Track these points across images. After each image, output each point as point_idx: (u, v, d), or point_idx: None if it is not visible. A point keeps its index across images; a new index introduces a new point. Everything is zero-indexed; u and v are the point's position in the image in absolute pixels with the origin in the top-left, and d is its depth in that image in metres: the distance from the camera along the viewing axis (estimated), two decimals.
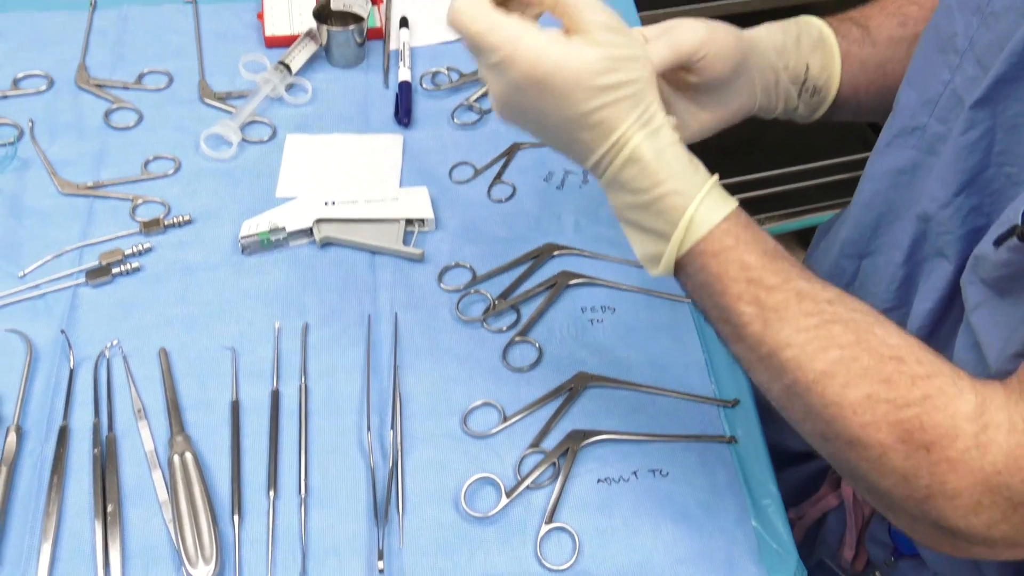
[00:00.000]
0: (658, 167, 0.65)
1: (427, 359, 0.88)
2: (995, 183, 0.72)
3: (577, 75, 0.63)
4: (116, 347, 0.87)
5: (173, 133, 1.05)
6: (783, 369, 0.65)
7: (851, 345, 0.63)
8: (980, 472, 0.59)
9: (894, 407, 0.62)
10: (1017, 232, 0.61)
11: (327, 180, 1.01)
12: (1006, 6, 0.70)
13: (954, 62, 0.76)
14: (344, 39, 1.12)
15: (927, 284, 0.81)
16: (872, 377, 0.62)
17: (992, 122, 0.70)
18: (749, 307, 0.66)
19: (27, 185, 0.99)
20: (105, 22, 1.16)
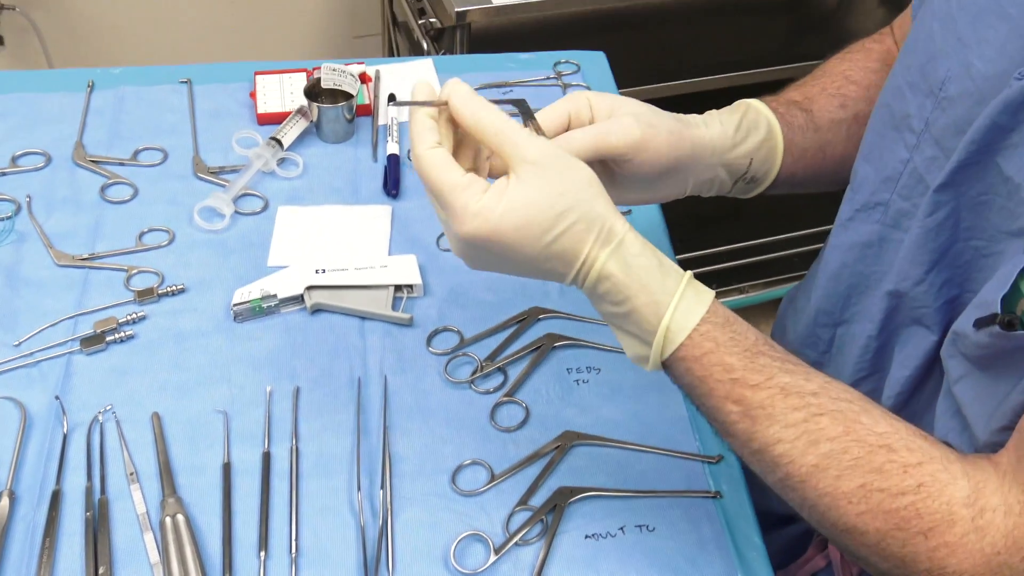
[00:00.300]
0: (628, 281, 0.67)
1: (416, 420, 0.90)
2: (964, 256, 0.74)
3: (524, 223, 0.65)
4: (109, 412, 0.88)
5: (167, 206, 1.08)
6: (775, 464, 0.67)
7: (840, 437, 0.65)
8: (980, 554, 0.60)
9: (888, 496, 0.63)
10: (998, 321, 0.62)
11: (317, 249, 1.04)
12: (960, 92, 0.73)
13: (911, 142, 0.79)
14: (334, 115, 1.16)
15: (903, 352, 0.82)
16: (863, 468, 0.64)
17: (956, 202, 0.72)
18: (736, 406, 0.67)
19: (23, 257, 1.01)
20: (102, 102, 1.20)
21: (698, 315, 0.67)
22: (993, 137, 0.68)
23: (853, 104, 0.93)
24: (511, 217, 0.65)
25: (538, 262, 0.67)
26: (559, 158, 0.66)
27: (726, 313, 0.69)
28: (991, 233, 0.71)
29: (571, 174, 0.66)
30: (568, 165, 0.67)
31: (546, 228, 0.65)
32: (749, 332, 0.69)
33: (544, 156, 0.65)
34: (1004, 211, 0.69)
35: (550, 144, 0.67)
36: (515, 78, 1.28)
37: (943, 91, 0.75)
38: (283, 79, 1.23)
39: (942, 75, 0.75)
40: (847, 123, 0.92)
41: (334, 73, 1.18)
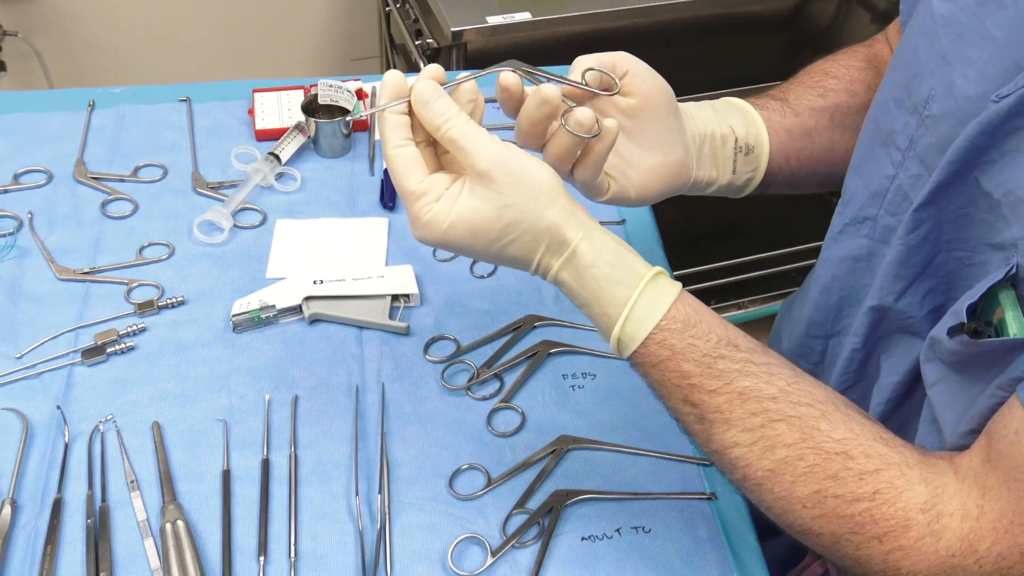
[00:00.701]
0: (581, 291, 0.69)
1: (414, 426, 0.91)
2: (948, 266, 0.75)
3: (471, 234, 0.67)
4: (110, 422, 0.89)
5: (167, 221, 1.09)
6: (732, 466, 0.69)
7: (796, 444, 0.66)
8: (935, 556, 0.61)
9: (843, 502, 0.64)
10: (965, 330, 0.64)
11: (315, 261, 1.05)
12: (943, 111, 0.73)
13: (897, 159, 0.79)
14: (331, 130, 1.18)
15: (890, 360, 0.83)
16: (819, 475, 0.65)
17: (937, 218, 0.73)
18: (693, 409, 0.69)
19: (25, 272, 1.02)
20: (103, 120, 1.22)
21: (652, 323, 0.67)
22: (971, 156, 0.68)
23: (833, 95, 0.93)
24: (459, 228, 0.67)
25: (496, 261, 0.70)
26: (511, 163, 0.66)
27: (687, 315, 0.69)
28: (973, 244, 0.72)
29: (522, 182, 0.66)
30: (521, 171, 0.66)
31: (493, 239, 0.67)
32: (712, 333, 0.69)
33: (493, 164, 0.66)
34: (985, 224, 0.69)
35: (506, 151, 0.66)
36: None
37: (927, 109, 0.75)
38: (281, 96, 1.25)
39: (926, 93, 0.75)
40: (829, 112, 0.92)
41: (331, 89, 1.20)
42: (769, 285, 2.37)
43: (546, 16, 1.75)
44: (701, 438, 0.70)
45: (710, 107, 0.87)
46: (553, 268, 0.68)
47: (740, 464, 0.68)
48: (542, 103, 0.69)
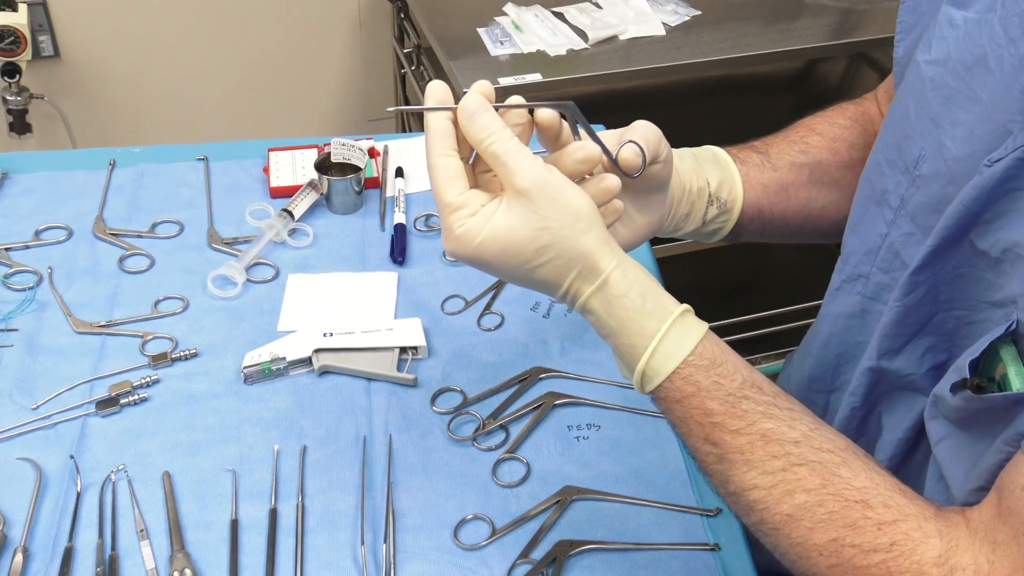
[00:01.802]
0: (609, 320, 0.68)
1: (420, 477, 0.92)
2: (947, 324, 0.75)
3: (503, 252, 0.66)
4: (122, 472, 0.91)
5: (182, 275, 1.12)
6: (750, 509, 0.68)
7: (816, 489, 0.65)
8: None
9: (860, 552, 0.64)
10: (969, 385, 0.64)
11: (326, 314, 1.07)
12: (933, 171, 0.75)
13: (889, 217, 0.81)
14: (343, 188, 1.21)
15: (892, 417, 0.83)
16: (837, 522, 0.64)
17: (934, 280, 0.74)
18: (714, 448, 0.68)
19: (43, 325, 1.05)
20: (123, 179, 1.25)
21: (679, 358, 0.67)
22: (967, 220, 0.69)
23: (815, 152, 0.94)
24: (491, 245, 0.66)
25: (524, 283, 0.69)
26: (552, 187, 0.65)
27: (714, 353, 0.68)
28: (972, 303, 0.72)
29: (561, 205, 0.65)
30: (560, 195, 0.66)
31: (525, 259, 0.66)
32: (737, 373, 0.68)
33: (534, 185, 0.65)
34: (983, 282, 0.70)
35: (547, 173, 0.66)
36: None
37: (917, 169, 0.77)
38: (295, 155, 1.28)
39: (916, 153, 0.77)
40: (808, 168, 0.93)
41: (343, 147, 1.23)
42: (781, 341, 2.37)
43: (556, 77, 1.79)
44: (719, 479, 0.69)
45: (692, 156, 0.88)
46: (583, 295, 0.68)
47: (758, 507, 0.67)
48: (583, 161, 0.70)
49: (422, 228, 1.20)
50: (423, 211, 1.22)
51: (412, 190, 1.26)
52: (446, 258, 0.84)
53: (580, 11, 1.96)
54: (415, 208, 1.23)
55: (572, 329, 1.07)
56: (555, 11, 1.96)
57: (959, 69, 0.73)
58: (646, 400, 0.98)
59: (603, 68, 1.83)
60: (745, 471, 0.67)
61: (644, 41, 1.92)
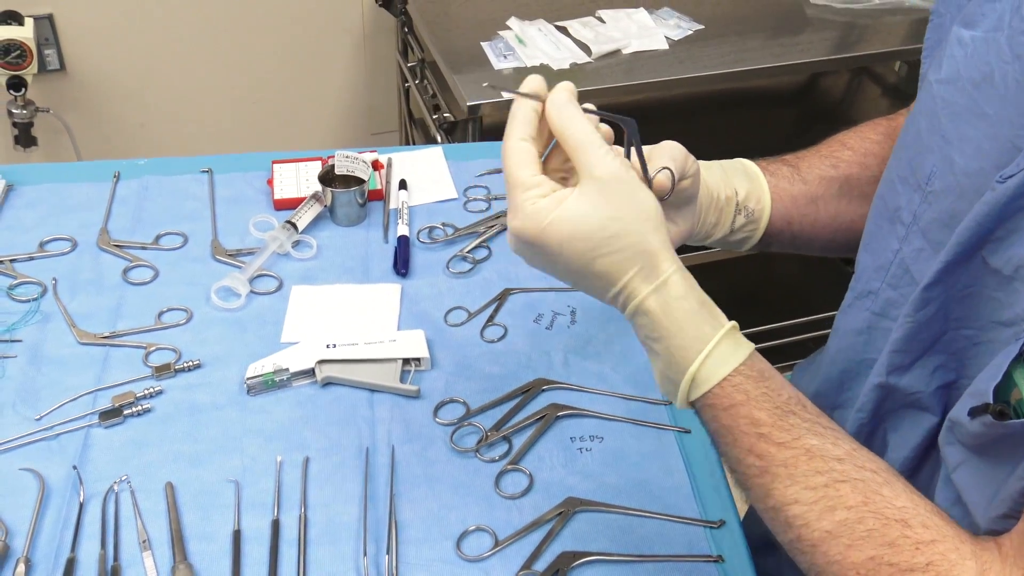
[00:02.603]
0: (666, 322, 0.68)
1: (422, 488, 0.91)
2: (956, 344, 0.75)
3: (570, 236, 0.67)
4: (125, 482, 0.91)
5: (186, 287, 1.12)
6: (788, 524, 0.67)
7: (858, 507, 0.65)
8: None
9: (897, 571, 0.63)
10: (990, 411, 0.63)
11: (329, 325, 1.07)
12: (944, 187, 0.75)
13: (901, 233, 0.81)
14: (347, 200, 1.21)
15: (898, 435, 0.83)
16: (876, 540, 0.64)
17: (945, 297, 0.73)
18: (758, 460, 0.68)
19: (47, 336, 1.05)
20: (127, 191, 1.26)
21: (731, 366, 0.68)
22: (979, 237, 0.69)
23: (845, 166, 0.96)
24: (559, 226, 0.67)
25: (579, 275, 0.70)
26: (627, 183, 0.67)
27: (762, 367, 0.69)
28: (982, 323, 0.72)
29: (633, 201, 0.67)
30: (634, 192, 0.68)
31: (591, 247, 0.67)
32: (784, 389, 0.69)
33: (612, 176, 0.67)
34: (993, 302, 0.70)
35: (624, 168, 0.68)
36: None
37: (929, 185, 0.77)
38: (299, 167, 1.29)
39: (928, 170, 0.77)
40: (839, 182, 0.95)
41: (347, 160, 1.23)
42: (786, 354, 2.36)
43: None
44: (759, 492, 0.69)
45: (720, 168, 0.90)
46: (641, 293, 0.68)
47: (797, 523, 0.66)
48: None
49: (425, 240, 1.20)
50: (426, 223, 1.23)
51: (415, 202, 1.26)
52: (507, 243, 0.82)
53: (583, 25, 1.97)
54: (418, 220, 1.24)
55: (575, 341, 1.07)
56: (558, 25, 1.97)
57: (967, 87, 0.74)
58: (650, 412, 0.99)
59: (606, 82, 1.84)
60: (788, 485, 0.67)
61: (647, 55, 1.93)
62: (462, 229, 1.22)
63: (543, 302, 1.12)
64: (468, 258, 1.18)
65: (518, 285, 1.14)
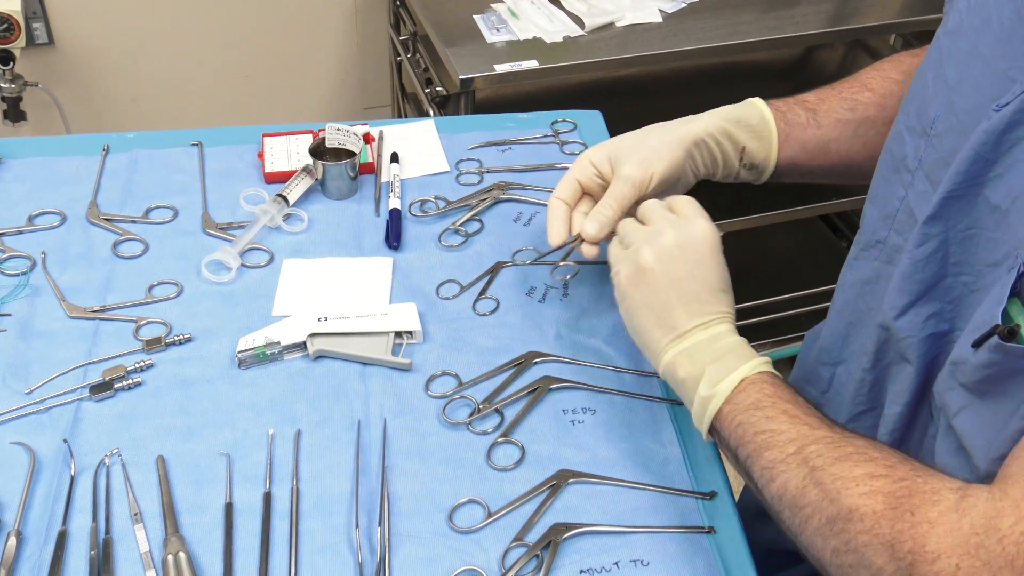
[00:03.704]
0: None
1: (414, 461, 0.91)
2: (954, 291, 0.76)
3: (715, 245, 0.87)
4: (116, 456, 0.90)
5: (176, 261, 1.12)
6: (806, 459, 0.71)
7: (866, 445, 0.71)
8: (958, 532, 0.61)
9: (891, 481, 0.66)
10: (999, 331, 0.64)
11: (321, 299, 1.07)
12: (947, 127, 0.76)
13: (907, 180, 0.82)
14: (338, 173, 1.20)
15: (893, 388, 0.84)
16: (878, 462, 0.68)
17: (945, 235, 0.75)
18: (787, 418, 0.76)
19: (37, 310, 1.04)
20: (117, 164, 1.25)
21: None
22: (978, 169, 0.70)
23: (863, 109, 1.00)
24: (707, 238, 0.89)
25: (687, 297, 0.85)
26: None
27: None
28: (979, 268, 0.73)
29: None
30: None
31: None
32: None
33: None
34: (990, 243, 0.71)
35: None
36: (514, 136, 1.32)
37: (933, 129, 0.79)
38: (290, 140, 1.28)
39: (932, 116, 0.79)
40: (854, 124, 0.99)
41: (338, 133, 1.22)
42: (778, 329, 2.37)
43: (553, 64, 1.78)
44: (780, 441, 0.75)
45: (725, 123, 1.00)
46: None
47: (813, 456, 0.72)
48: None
49: (417, 213, 1.20)
50: (418, 196, 1.22)
51: (407, 175, 1.25)
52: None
53: None
54: (410, 193, 1.23)
55: (568, 314, 1.07)
56: None
57: (969, 34, 0.76)
58: (642, 384, 0.99)
59: (599, 55, 1.82)
60: (808, 433, 0.74)
61: (640, 28, 1.91)
62: (454, 202, 1.21)
63: (536, 275, 1.11)
64: (460, 231, 1.17)
65: (510, 259, 1.13)
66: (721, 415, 0.80)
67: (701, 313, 0.85)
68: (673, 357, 0.84)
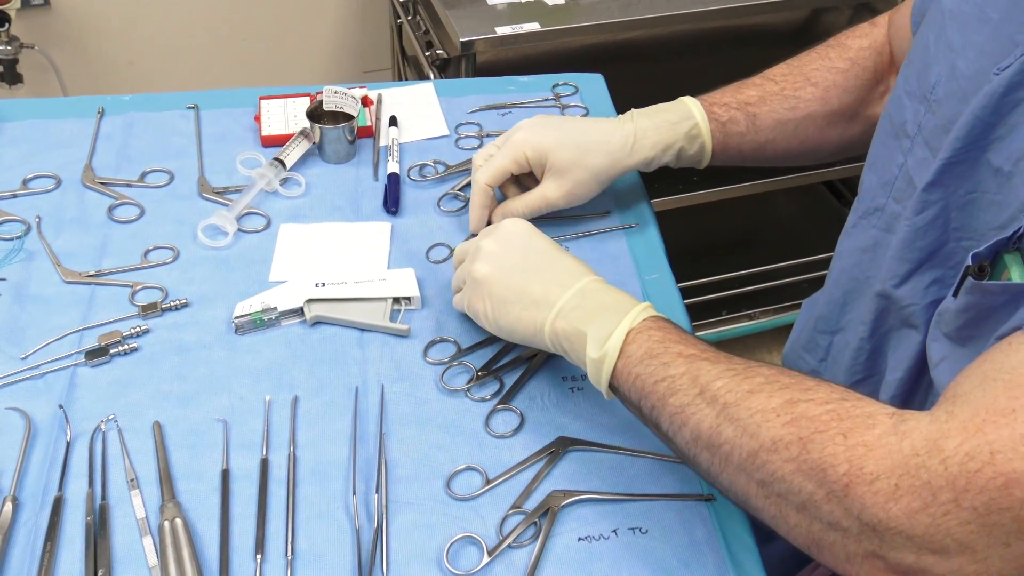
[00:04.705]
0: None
1: (412, 427, 0.91)
2: (956, 256, 0.75)
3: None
4: (112, 421, 0.90)
5: (172, 225, 1.10)
6: (714, 397, 0.69)
7: (774, 375, 0.68)
8: (898, 454, 0.59)
9: (813, 404, 0.64)
10: (969, 271, 0.64)
11: (318, 264, 1.06)
12: (947, 93, 0.75)
13: (906, 146, 0.81)
14: (336, 136, 1.19)
15: (895, 355, 0.84)
16: (794, 389, 0.66)
17: (945, 202, 0.74)
18: (684, 360, 0.73)
19: (32, 275, 1.03)
20: (112, 127, 1.23)
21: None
22: (979, 133, 0.69)
23: (804, 107, 1.01)
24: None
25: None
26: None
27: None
28: (981, 232, 0.72)
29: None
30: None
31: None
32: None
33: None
34: (993, 206, 0.70)
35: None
36: (514, 100, 1.30)
37: (933, 94, 0.77)
38: (287, 103, 1.26)
39: (933, 80, 0.78)
40: (794, 123, 1.01)
41: (336, 96, 1.21)
42: (780, 296, 2.36)
43: (554, 27, 1.76)
44: (684, 383, 0.72)
45: (650, 144, 1.02)
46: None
47: (722, 392, 0.69)
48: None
49: (416, 178, 1.18)
50: (417, 160, 1.20)
51: (406, 139, 1.24)
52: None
53: None
54: (409, 157, 1.21)
55: None
56: None
57: None
58: None
59: (601, 18, 1.80)
60: (710, 370, 0.72)
61: None
62: (453, 167, 1.19)
63: None
64: (459, 196, 1.16)
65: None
66: (616, 372, 0.78)
67: (556, 282, 0.84)
68: (551, 326, 0.82)
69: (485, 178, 1.02)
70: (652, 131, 1.00)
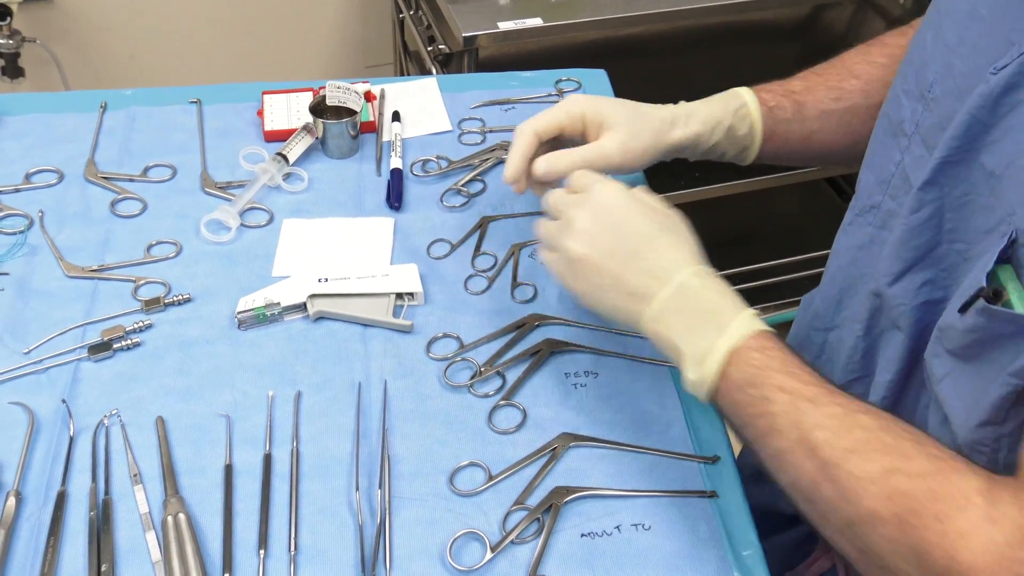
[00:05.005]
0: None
1: (415, 423, 0.91)
2: (948, 258, 0.75)
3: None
4: (115, 416, 0.90)
5: (175, 220, 1.10)
6: (814, 449, 0.67)
7: (875, 428, 0.66)
8: (993, 545, 0.58)
9: (907, 477, 0.63)
10: (984, 293, 0.63)
11: (321, 259, 1.06)
12: (944, 91, 0.75)
13: (903, 144, 0.81)
14: (339, 131, 1.18)
15: (885, 356, 0.83)
16: (892, 453, 0.64)
17: (940, 202, 0.73)
18: (785, 396, 0.70)
19: (35, 269, 1.03)
20: (114, 122, 1.23)
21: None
22: (975, 134, 0.69)
23: (848, 97, 0.99)
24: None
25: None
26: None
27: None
28: (972, 235, 0.72)
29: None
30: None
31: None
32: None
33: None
34: (984, 210, 0.70)
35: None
36: (517, 95, 1.30)
37: (930, 93, 0.77)
38: (290, 98, 1.26)
39: (930, 79, 0.77)
40: (839, 114, 0.99)
41: (339, 91, 1.20)
42: (781, 292, 2.36)
43: (557, 22, 1.75)
44: (782, 424, 0.70)
45: (709, 125, 0.99)
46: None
47: (820, 443, 0.67)
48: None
49: (419, 173, 1.18)
50: (420, 156, 1.20)
51: (409, 135, 1.24)
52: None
53: None
54: (412, 153, 1.21)
55: None
56: None
57: None
58: (645, 347, 0.98)
59: (604, 13, 1.80)
60: (812, 413, 0.69)
61: None
62: (456, 162, 1.19)
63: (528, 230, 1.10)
64: (463, 191, 1.16)
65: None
66: (718, 394, 0.76)
67: (652, 273, 0.79)
68: (649, 328, 0.79)
69: (534, 125, 0.96)
70: (701, 106, 1.00)
